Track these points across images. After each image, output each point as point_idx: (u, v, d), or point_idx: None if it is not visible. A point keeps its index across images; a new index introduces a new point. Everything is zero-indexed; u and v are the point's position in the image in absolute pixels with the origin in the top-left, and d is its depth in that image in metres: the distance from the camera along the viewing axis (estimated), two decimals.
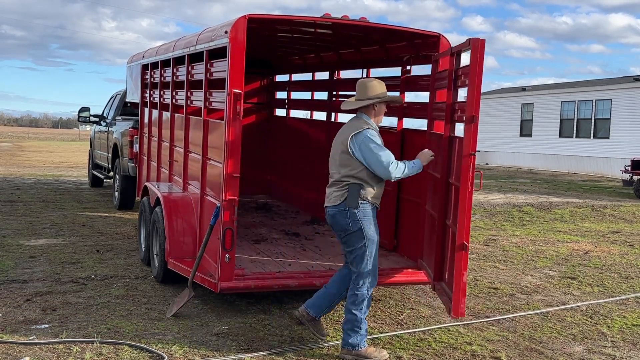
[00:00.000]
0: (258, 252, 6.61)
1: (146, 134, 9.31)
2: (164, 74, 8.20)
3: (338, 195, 4.88)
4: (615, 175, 23.13)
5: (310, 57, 9.18)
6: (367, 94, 5.02)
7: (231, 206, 5.40)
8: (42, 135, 65.52)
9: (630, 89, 25.30)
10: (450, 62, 5.42)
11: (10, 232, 9.19)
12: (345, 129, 5.01)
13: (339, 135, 5.02)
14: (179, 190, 7.16)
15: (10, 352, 4.70)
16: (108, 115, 13.52)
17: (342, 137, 4.96)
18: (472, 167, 4.72)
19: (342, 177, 4.89)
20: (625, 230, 11.94)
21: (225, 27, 5.60)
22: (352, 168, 4.85)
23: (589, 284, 7.55)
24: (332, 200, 4.93)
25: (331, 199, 4.94)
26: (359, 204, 4.83)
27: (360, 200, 4.84)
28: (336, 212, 4.88)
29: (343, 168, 4.88)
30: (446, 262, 5.29)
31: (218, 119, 6.02)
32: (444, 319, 5.97)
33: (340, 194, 4.87)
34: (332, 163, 5.03)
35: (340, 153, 4.91)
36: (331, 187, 4.98)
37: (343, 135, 4.97)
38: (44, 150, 33.07)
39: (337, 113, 8.64)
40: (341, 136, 4.99)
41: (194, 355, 4.76)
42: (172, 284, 6.55)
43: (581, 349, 5.33)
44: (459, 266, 4.78)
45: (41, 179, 17.19)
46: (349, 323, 4.86)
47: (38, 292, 6.21)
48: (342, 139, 4.95)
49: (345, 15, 5.93)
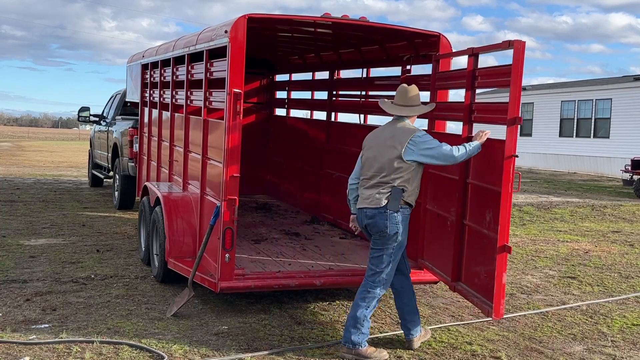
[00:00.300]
0: (258, 252, 6.60)
1: (146, 133, 9.31)
2: (163, 73, 8.20)
3: (381, 197, 4.89)
4: (615, 174, 23.13)
5: (310, 56, 9.17)
6: (418, 102, 5.13)
7: (231, 206, 5.40)
8: (42, 135, 65.52)
9: (630, 89, 25.29)
10: (469, 63, 5.41)
11: (10, 232, 9.19)
12: (394, 133, 4.98)
13: (387, 140, 4.97)
14: (179, 190, 7.16)
15: (10, 352, 4.70)
16: (108, 115, 13.52)
17: (393, 141, 4.92)
18: (512, 169, 4.71)
19: (387, 180, 4.89)
20: (625, 230, 11.94)
21: (225, 27, 5.60)
22: (400, 171, 4.86)
23: (589, 284, 7.55)
24: (373, 202, 4.91)
25: (372, 200, 4.92)
26: (400, 207, 4.87)
27: (401, 204, 4.88)
28: (376, 213, 4.88)
29: (390, 171, 4.88)
30: (463, 261, 5.32)
31: (218, 118, 6.02)
32: (444, 318, 5.97)
33: (384, 196, 4.88)
34: (373, 166, 4.99)
35: (390, 156, 4.89)
36: (371, 189, 4.95)
37: (394, 140, 4.93)
38: (43, 150, 33.07)
39: (337, 113, 8.64)
40: (391, 140, 4.94)
41: (194, 355, 4.76)
42: (172, 283, 6.55)
43: (581, 348, 5.33)
44: (500, 268, 4.74)
45: (41, 178, 17.19)
46: (353, 320, 4.85)
47: (38, 292, 6.21)
48: (394, 142, 4.91)
49: (345, 15, 5.93)
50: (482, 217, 5.03)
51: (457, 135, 5.59)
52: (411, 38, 6.59)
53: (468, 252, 5.30)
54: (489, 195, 4.93)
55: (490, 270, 4.84)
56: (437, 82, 6.06)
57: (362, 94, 8.15)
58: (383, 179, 4.90)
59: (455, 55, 5.99)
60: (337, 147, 8.28)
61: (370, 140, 5.14)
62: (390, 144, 4.94)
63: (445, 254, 5.54)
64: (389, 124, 5.15)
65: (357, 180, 5.16)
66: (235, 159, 5.46)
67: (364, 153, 5.13)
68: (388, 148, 4.93)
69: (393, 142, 4.93)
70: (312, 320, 5.70)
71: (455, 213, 5.44)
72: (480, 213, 5.07)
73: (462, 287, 5.31)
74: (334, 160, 8.31)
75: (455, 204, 5.43)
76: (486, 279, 4.94)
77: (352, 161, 7.76)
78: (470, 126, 5.46)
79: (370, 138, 5.16)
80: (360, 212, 5.02)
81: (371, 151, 5.05)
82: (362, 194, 5.04)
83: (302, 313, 5.90)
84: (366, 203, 4.96)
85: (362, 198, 5.02)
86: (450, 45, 6.17)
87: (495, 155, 4.89)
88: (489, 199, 4.92)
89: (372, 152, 5.04)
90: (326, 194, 8.49)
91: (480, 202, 5.12)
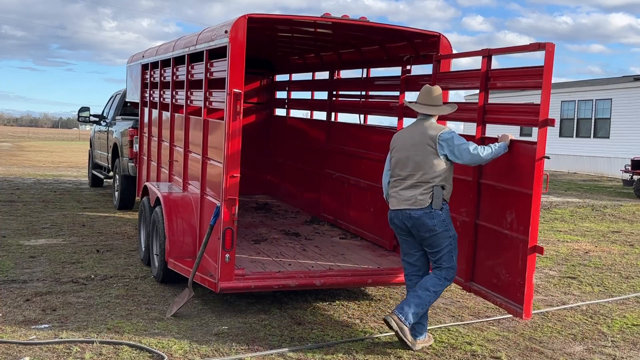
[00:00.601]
0: (258, 252, 6.60)
1: (146, 133, 9.31)
2: (164, 73, 8.20)
3: (424, 197, 4.95)
4: (615, 175, 23.12)
5: (310, 56, 9.17)
6: (441, 101, 5.22)
7: (231, 206, 5.40)
8: (42, 135, 65.52)
9: (630, 89, 25.29)
10: (483, 64, 5.43)
11: (10, 232, 9.19)
12: (423, 132, 5.04)
13: (418, 139, 5.03)
14: (179, 190, 7.16)
15: (10, 352, 4.70)
16: (108, 115, 13.52)
17: (426, 139, 4.98)
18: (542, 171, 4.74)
19: (427, 179, 4.95)
20: (625, 230, 11.94)
21: (226, 27, 5.60)
22: (438, 169, 4.93)
23: (589, 284, 7.55)
24: (417, 203, 4.96)
25: (415, 201, 4.97)
26: (442, 205, 4.95)
27: (442, 201, 4.96)
28: (422, 214, 4.94)
29: (428, 170, 4.94)
30: (476, 262, 5.35)
31: (218, 118, 6.02)
32: (443, 318, 5.97)
33: (427, 196, 4.95)
34: (407, 165, 5.04)
35: (427, 155, 4.95)
36: (412, 190, 5.00)
37: (426, 138, 4.99)
38: (44, 150, 33.06)
39: (337, 113, 8.63)
40: (423, 138, 5.00)
41: (194, 355, 4.76)
42: (172, 284, 6.55)
43: (581, 348, 5.33)
44: (530, 268, 4.76)
45: (41, 178, 17.19)
46: (418, 299, 4.94)
47: (38, 292, 6.21)
48: (427, 141, 4.97)
49: (345, 15, 5.93)
50: (502, 218, 5.05)
51: (470, 137, 5.62)
52: (411, 38, 6.59)
53: (483, 253, 5.33)
54: (511, 196, 4.95)
55: (513, 271, 4.87)
56: (439, 82, 6.06)
57: (362, 94, 8.15)
58: (422, 177, 4.96)
59: (466, 56, 6.04)
60: (337, 147, 8.28)
61: (400, 140, 5.19)
62: (424, 142, 5.00)
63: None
64: (415, 124, 5.20)
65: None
66: (235, 159, 5.46)
67: (395, 154, 5.17)
68: (422, 147, 4.99)
69: (426, 140, 5.00)
70: (312, 320, 5.70)
71: (467, 214, 5.46)
72: (499, 214, 5.09)
73: (479, 287, 5.34)
74: (334, 161, 8.31)
75: (467, 204, 5.45)
76: (509, 279, 4.97)
77: (352, 161, 7.85)
78: (483, 127, 5.48)
79: (399, 138, 5.21)
80: (401, 213, 5.05)
81: (404, 151, 5.09)
82: (399, 195, 5.07)
83: (302, 313, 5.90)
84: (408, 204, 5.00)
85: (402, 199, 5.05)
86: (450, 46, 6.17)
87: (519, 156, 4.91)
88: (511, 200, 4.94)
89: (405, 152, 5.08)
90: (326, 194, 8.49)
91: (499, 203, 5.13)
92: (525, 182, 4.78)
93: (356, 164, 7.71)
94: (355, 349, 5.03)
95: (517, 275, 4.86)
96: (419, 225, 4.97)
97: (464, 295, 6.77)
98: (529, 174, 4.73)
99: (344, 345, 5.10)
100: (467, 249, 5.42)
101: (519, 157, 4.95)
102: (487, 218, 5.27)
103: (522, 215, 4.82)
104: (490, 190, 5.28)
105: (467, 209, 5.46)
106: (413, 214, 4.97)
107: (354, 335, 5.38)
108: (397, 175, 5.12)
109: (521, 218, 4.83)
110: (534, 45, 4.87)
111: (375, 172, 7.22)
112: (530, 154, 4.76)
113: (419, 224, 4.97)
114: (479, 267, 5.38)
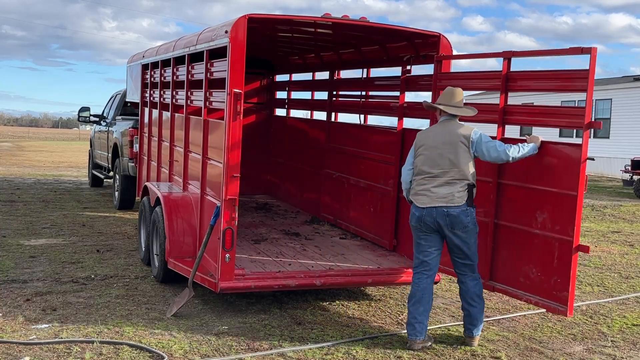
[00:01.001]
0: (258, 252, 6.60)
1: (146, 133, 9.31)
2: (164, 73, 8.20)
3: (461, 195, 5.07)
4: (615, 175, 23.12)
5: (310, 57, 9.18)
6: (462, 103, 5.32)
7: (231, 206, 5.40)
8: (42, 135, 65.53)
9: (630, 89, 25.29)
10: (504, 66, 5.46)
11: (10, 232, 9.19)
12: (451, 130, 5.15)
13: (448, 137, 5.13)
14: (179, 190, 7.16)
15: (10, 352, 4.70)
16: (108, 115, 13.52)
17: (457, 137, 5.10)
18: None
19: (463, 176, 5.07)
20: (625, 230, 11.94)
21: (226, 27, 5.60)
22: (470, 166, 5.09)
23: (589, 284, 7.55)
24: (454, 201, 5.05)
25: (452, 198, 5.05)
26: (473, 203, 5.14)
27: (472, 200, 5.14)
28: (460, 212, 5.04)
29: (464, 167, 5.06)
30: (497, 261, 5.44)
31: (218, 118, 6.02)
32: (443, 318, 5.97)
33: (463, 194, 5.07)
34: (438, 163, 5.12)
35: (461, 152, 5.07)
36: (447, 187, 5.08)
37: (457, 136, 5.10)
38: (44, 150, 33.07)
39: (337, 113, 8.64)
40: (454, 137, 5.11)
41: (194, 355, 4.76)
42: (172, 283, 6.55)
43: (581, 348, 5.33)
44: (574, 268, 4.83)
45: (41, 178, 17.19)
46: (481, 309, 5.22)
47: (38, 292, 6.21)
48: (460, 138, 5.09)
49: (345, 15, 5.93)
50: (531, 218, 5.12)
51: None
52: (411, 38, 6.59)
53: (505, 252, 5.39)
54: (545, 196, 5.02)
55: (547, 270, 4.97)
56: (440, 81, 6.06)
57: (362, 94, 8.15)
58: (458, 175, 5.07)
59: (488, 57, 6.15)
60: (337, 147, 8.28)
61: (429, 139, 5.26)
62: (457, 140, 5.09)
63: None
64: (443, 124, 5.28)
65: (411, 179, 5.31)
66: (236, 159, 5.46)
67: (424, 152, 5.23)
68: (456, 145, 5.09)
69: (459, 138, 5.10)
70: (312, 320, 5.70)
71: (487, 214, 5.50)
72: (528, 214, 5.15)
73: (504, 287, 5.40)
74: (334, 161, 8.31)
75: (487, 205, 5.49)
76: (541, 277, 5.05)
77: (352, 161, 7.85)
78: (503, 128, 5.52)
79: (427, 137, 5.28)
80: (435, 210, 5.09)
81: (435, 150, 5.16)
82: (432, 193, 5.13)
83: (302, 313, 5.90)
84: (444, 202, 5.06)
85: (435, 197, 5.11)
86: (450, 46, 6.18)
87: (559, 158, 5.00)
88: (545, 200, 5.01)
89: (436, 151, 5.15)
90: (326, 194, 8.49)
91: (527, 204, 5.19)
92: (566, 183, 4.85)
93: (356, 164, 7.71)
94: (355, 349, 5.03)
95: (552, 273, 4.94)
96: (456, 222, 5.04)
97: None
98: (572, 175, 4.80)
99: (344, 345, 5.11)
100: (486, 249, 5.47)
101: (557, 158, 5.02)
102: (511, 218, 5.33)
103: (559, 215, 4.89)
104: (515, 191, 5.33)
105: (486, 210, 5.50)
106: (451, 212, 5.04)
107: (354, 335, 5.38)
108: (425, 173, 5.17)
109: (557, 218, 4.91)
110: (576, 49, 4.92)
111: (376, 172, 7.23)
112: (573, 156, 4.85)
113: (457, 221, 5.04)
114: (500, 266, 5.45)
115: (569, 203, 4.80)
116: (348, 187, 7.88)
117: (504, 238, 5.41)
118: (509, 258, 5.37)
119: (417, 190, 5.21)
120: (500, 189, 5.45)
